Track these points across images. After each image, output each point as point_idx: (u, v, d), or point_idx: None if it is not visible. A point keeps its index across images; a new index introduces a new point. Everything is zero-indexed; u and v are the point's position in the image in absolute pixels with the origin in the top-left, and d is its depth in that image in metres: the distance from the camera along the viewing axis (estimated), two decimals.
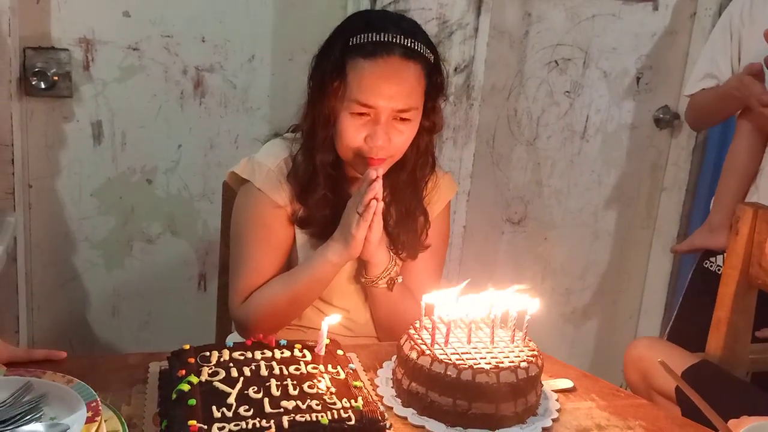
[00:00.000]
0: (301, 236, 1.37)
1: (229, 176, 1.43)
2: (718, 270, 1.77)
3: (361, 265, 1.36)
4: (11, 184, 1.77)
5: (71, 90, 1.88)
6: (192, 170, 2.02)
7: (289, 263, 1.38)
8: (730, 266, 1.48)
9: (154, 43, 1.91)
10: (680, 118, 2.32)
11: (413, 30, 1.29)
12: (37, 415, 0.86)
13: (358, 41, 1.24)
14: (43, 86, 1.83)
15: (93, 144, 1.94)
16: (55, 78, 1.84)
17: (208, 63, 1.96)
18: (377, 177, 1.22)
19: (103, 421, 0.88)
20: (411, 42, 1.25)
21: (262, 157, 1.36)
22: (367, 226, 1.23)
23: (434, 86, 1.30)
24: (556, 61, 2.21)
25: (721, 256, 1.79)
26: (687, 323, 1.89)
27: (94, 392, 0.91)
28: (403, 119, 1.25)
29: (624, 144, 2.36)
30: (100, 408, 0.88)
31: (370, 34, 1.24)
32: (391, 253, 1.35)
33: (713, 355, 1.50)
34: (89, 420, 0.85)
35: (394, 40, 1.23)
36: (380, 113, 1.24)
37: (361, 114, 1.24)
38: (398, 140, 1.26)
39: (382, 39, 1.23)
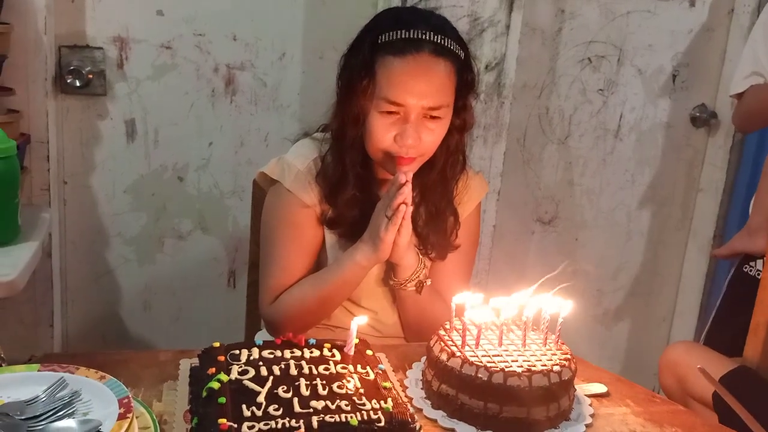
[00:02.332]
0: (330, 237, 1.36)
1: (259, 176, 1.43)
2: (758, 275, 1.72)
3: (390, 268, 1.35)
4: (47, 181, 1.81)
5: (105, 88, 1.91)
6: (223, 168, 2.04)
7: (319, 264, 1.38)
8: None
9: (187, 41, 1.93)
10: (717, 116, 2.27)
11: (443, 26, 1.26)
12: (70, 411, 0.87)
13: (387, 38, 1.22)
14: (78, 84, 1.86)
15: (126, 141, 1.96)
16: (90, 76, 1.87)
17: (239, 61, 1.97)
18: (407, 181, 1.20)
19: (134, 418, 0.88)
20: (441, 38, 1.22)
21: (292, 157, 1.35)
22: (396, 229, 1.21)
23: (465, 83, 1.28)
24: (589, 59, 2.17)
25: (761, 260, 1.74)
26: (724, 328, 1.84)
27: (126, 388, 0.92)
28: (433, 117, 1.23)
29: (659, 143, 2.31)
30: (132, 404, 0.89)
31: (399, 31, 1.22)
32: (420, 256, 1.33)
33: (751, 360, 1.45)
34: (121, 416, 0.86)
35: (423, 37, 1.21)
36: (410, 111, 1.22)
37: (391, 112, 1.22)
38: (428, 139, 1.24)
39: (411, 36, 1.21)
